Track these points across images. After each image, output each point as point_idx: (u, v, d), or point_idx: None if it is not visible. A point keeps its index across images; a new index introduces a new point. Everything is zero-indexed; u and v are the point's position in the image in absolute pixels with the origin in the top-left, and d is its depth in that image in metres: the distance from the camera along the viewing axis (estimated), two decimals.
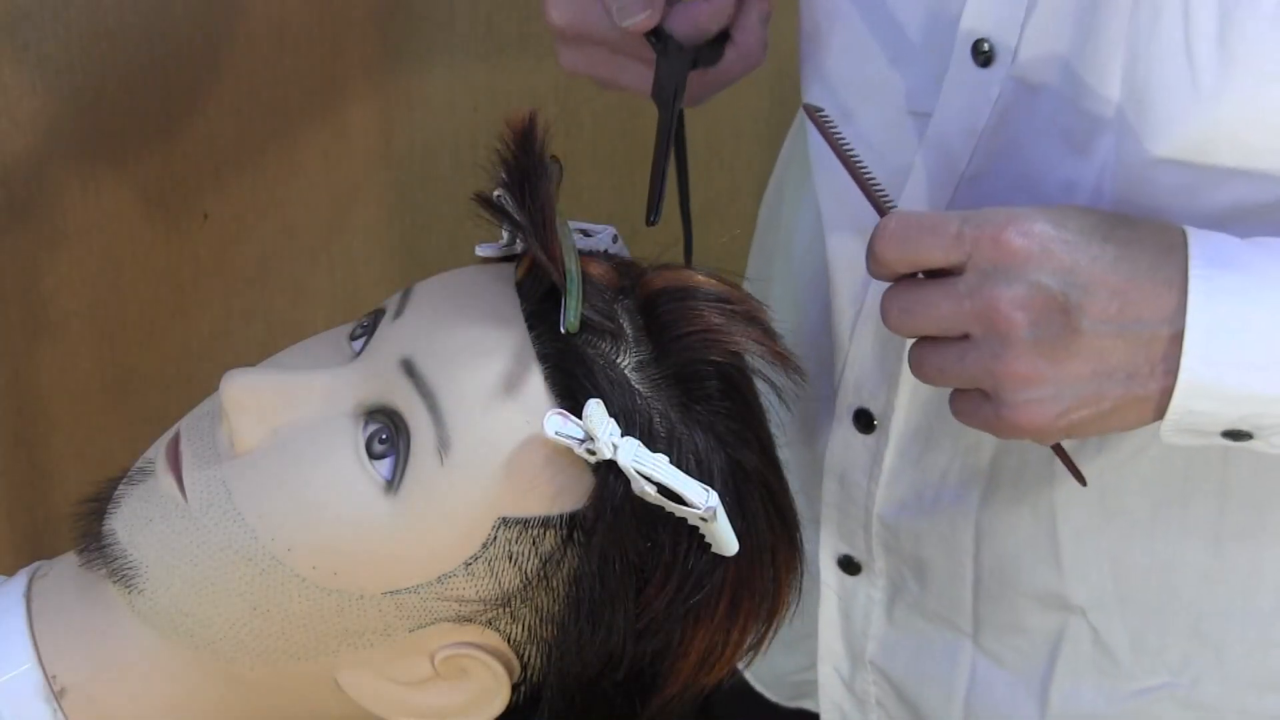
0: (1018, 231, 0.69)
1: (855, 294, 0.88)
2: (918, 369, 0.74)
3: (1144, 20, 0.73)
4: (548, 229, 0.70)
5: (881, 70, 0.84)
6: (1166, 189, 0.75)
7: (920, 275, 0.73)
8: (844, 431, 0.90)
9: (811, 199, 0.93)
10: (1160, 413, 0.70)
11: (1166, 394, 0.69)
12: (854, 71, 0.86)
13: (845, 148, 0.76)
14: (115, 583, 0.72)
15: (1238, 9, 0.70)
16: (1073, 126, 0.77)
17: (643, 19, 0.79)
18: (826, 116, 0.78)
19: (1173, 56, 0.72)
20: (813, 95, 0.88)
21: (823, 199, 0.90)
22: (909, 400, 0.87)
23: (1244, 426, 0.70)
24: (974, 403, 0.72)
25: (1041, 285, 0.68)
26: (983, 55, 0.79)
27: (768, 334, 0.75)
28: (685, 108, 0.82)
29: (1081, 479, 0.80)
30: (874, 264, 0.73)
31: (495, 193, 0.73)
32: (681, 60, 0.80)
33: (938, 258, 0.70)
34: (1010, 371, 0.69)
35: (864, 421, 0.89)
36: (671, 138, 0.78)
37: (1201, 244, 0.69)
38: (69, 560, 0.75)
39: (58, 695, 0.72)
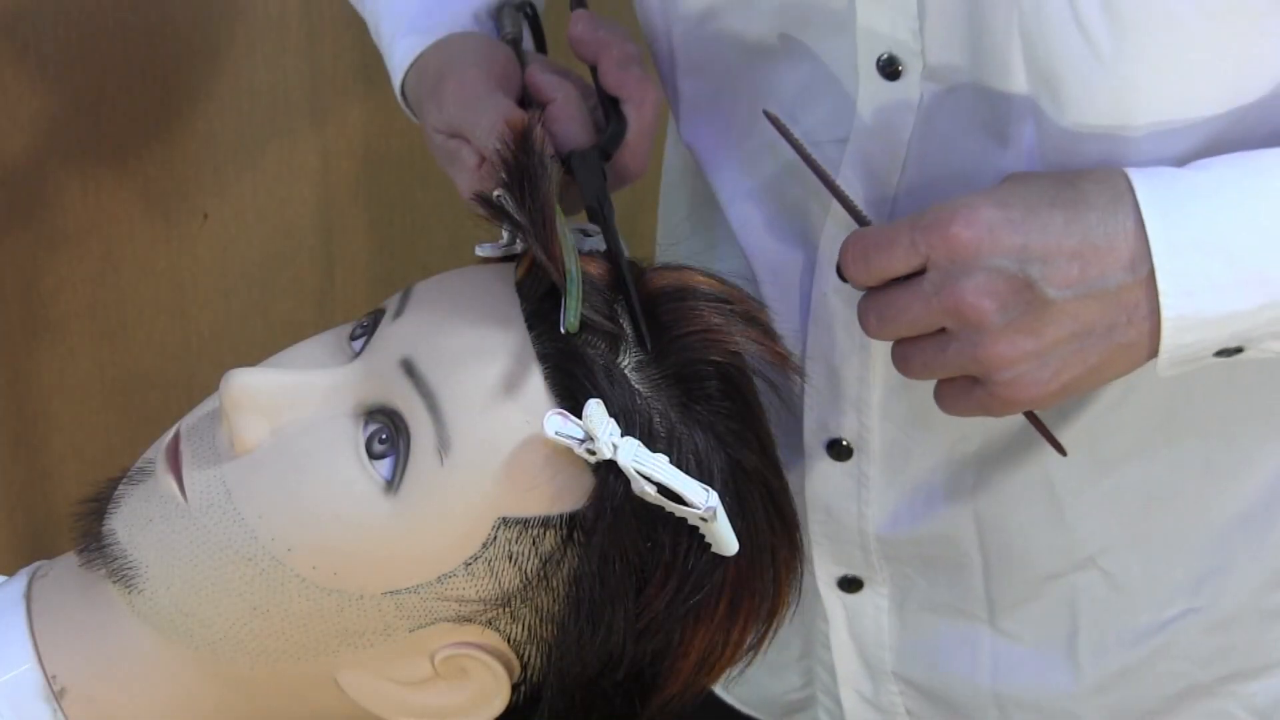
0: (963, 224, 0.70)
1: (796, 336, 0.87)
2: (905, 367, 0.75)
3: (1028, 4, 0.73)
4: (548, 229, 0.70)
5: (786, 109, 0.84)
6: (1094, 161, 0.76)
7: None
8: (820, 465, 0.90)
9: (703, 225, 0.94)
10: (1151, 353, 0.71)
11: (1152, 335, 0.70)
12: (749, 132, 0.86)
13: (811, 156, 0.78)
14: (115, 583, 0.71)
15: None
16: (991, 119, 0.77)
17: (575, 141, 0.80)
18: (784, 123, 0.77)
19: (1065, 32, 0.73)
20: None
21: (737, 227, 0.89)
22: (881, 420, 0.87)
23: (1233, 344, 0.72)
24: (963, 389, 0.74)
25: (999, 269, 0.70)
26: (886, 69, 0.78)
27: (767, 334, 0.75)
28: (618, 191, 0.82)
29: (1060, 448, 0.81)
30: (850, 284, 0.75)
31: (495, 193, 0.73)
32: (592, 161, 0.79)
33: (900, 268, 0.72)
34: (993, 354, 0.70)
35: (838, 450, 0.89)
36: (618, 243, 0.76)
37: (1146, 184, 0.71)
38: (69, 560, 0.75)
39: (58, 695, 0.72)
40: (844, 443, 0.88)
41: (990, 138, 0.78)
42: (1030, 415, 0.80)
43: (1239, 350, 0.73)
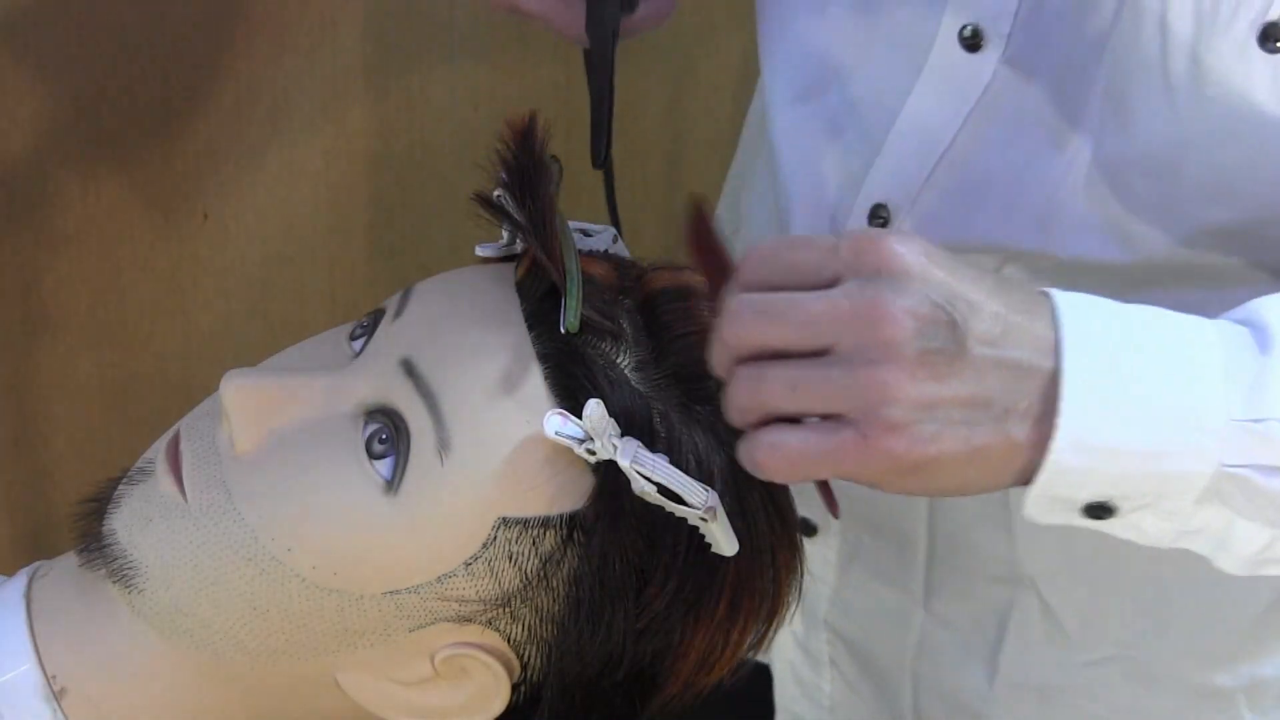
0: (901, 243, 0.63)
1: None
2: (751, 388, 0.64)
3: (1125, 28, 0.73)
4: (548, 229, 0.70)
5: (856, 51, 0.84)
6: (1137, 198, 0.76)
7: None
8: None
9: (768, 196, 0.94)
10: (1026, 470, 0.64)
11: (1036, 446, 0.63)
12: (827, 53, 0.86)
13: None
14: (115, 583, 0.72)
15: (1212, 28, 0.71)
16: (1054, 122, 0.78)
17: None
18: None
19: (1149, 68, 0.73)
20: (774, 73, 0.88)
21: (781, 193, 0.90)
22: None
23: (1113, 495, 0.64)
24: (822, 430, 0.63)
25: (929, 297, 0.62)
26: (968, 41, 0.79)
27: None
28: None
29: (835, 512, 0.73)
30: (738, 288, 0.66)
31: (495, 192, 0.73)
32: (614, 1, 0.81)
33: (811, 268, 0.64)
34: (891, 381, 0.61)
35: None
36: (612, 78, 0.78)
37: (1066, 295, 0.65)
38: (69, 560, 0.75)
39: (58, 695, 0.72)
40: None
41: (1047, 139, 0.78)
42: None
43: (1109, 513, 0.65)
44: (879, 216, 0.85)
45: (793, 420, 0.64)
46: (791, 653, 1.02)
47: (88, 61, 1.23)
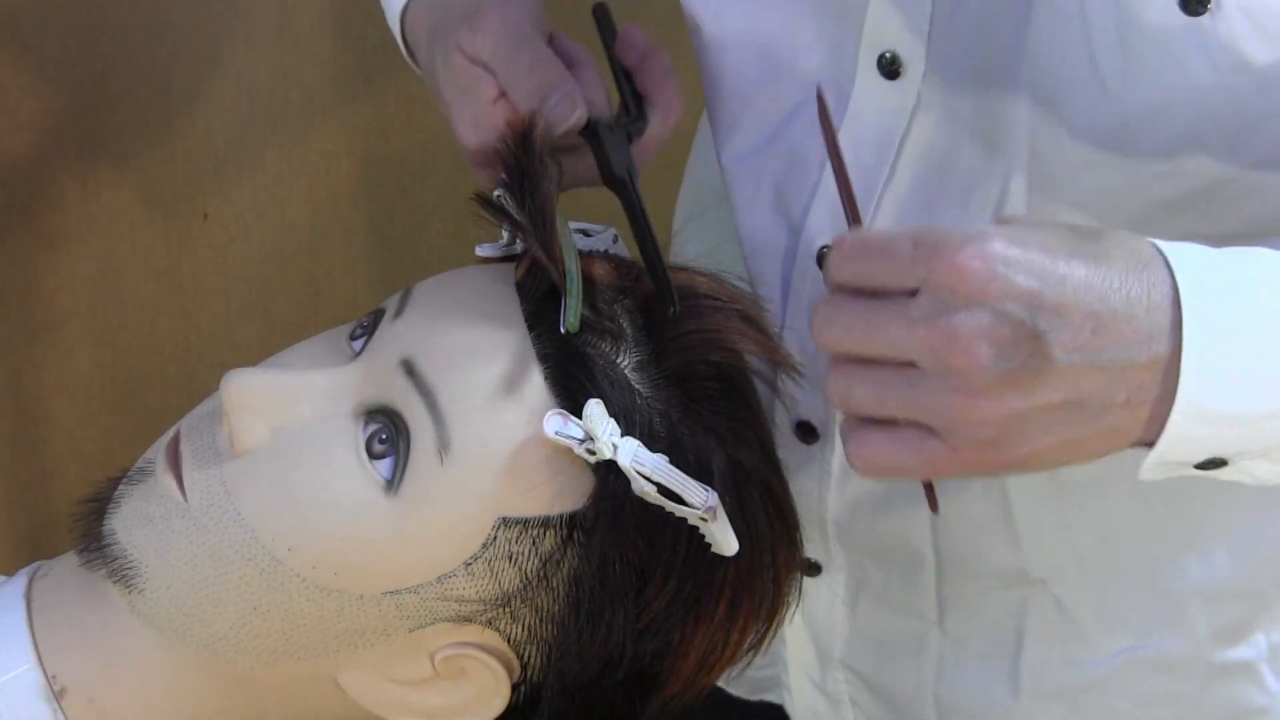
0: (975, 254, 0.61)
1: (776, 312, 0.86)
2: (843, 393, 0.64)
3: (1042, 25, 0.73)
4: (548, 229, 0.70)
5: (784, 90, 0.84)
6: (1085, 188, 0.76)
7: None
8: (787, 444, 0.89)
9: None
10: (1138, 440, 0.64)
11: (1148, 423, 0.63)
12: (754, 103, 0.86)
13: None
14: (115, 582, 0.71)
15: (1132, 2, 0.70)
16: (988, 132, 0.77)
17: (576, 118, 0.77)
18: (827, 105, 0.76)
19: (1075, 56, 0.72)
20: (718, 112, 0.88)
21: (737, 232, 0.89)
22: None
23: (1228, 452, 0.65)
24: (911, 440, 0.63)
25: (1007, 313, 0.60)
26: (888, 68, 0.78)
27: (767, 334, 0.75)
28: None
29: (933, 507, 0.73)
30: (827, 283, 0.67)
31: (495, 193, 0.73)
32: (620, 136, 0.79)
33: (890, 281, 0.63)
34: (972, 408, 0.61)
35: (805, 431, 0.88)
36: (646, 215, 0.75)
37: (1179, 256, 0.63)
38: (69, 560, 0.75)
39: (57, 695, 0.72)
40: (811, 426, 0.88)
41: (984, 150, 0.78)
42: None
43: (1222, 464, 0.65)
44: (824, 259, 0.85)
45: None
46: (811, 698, 1.01)
47: (88, 61, 1.23)
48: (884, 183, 0.81)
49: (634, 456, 0.67)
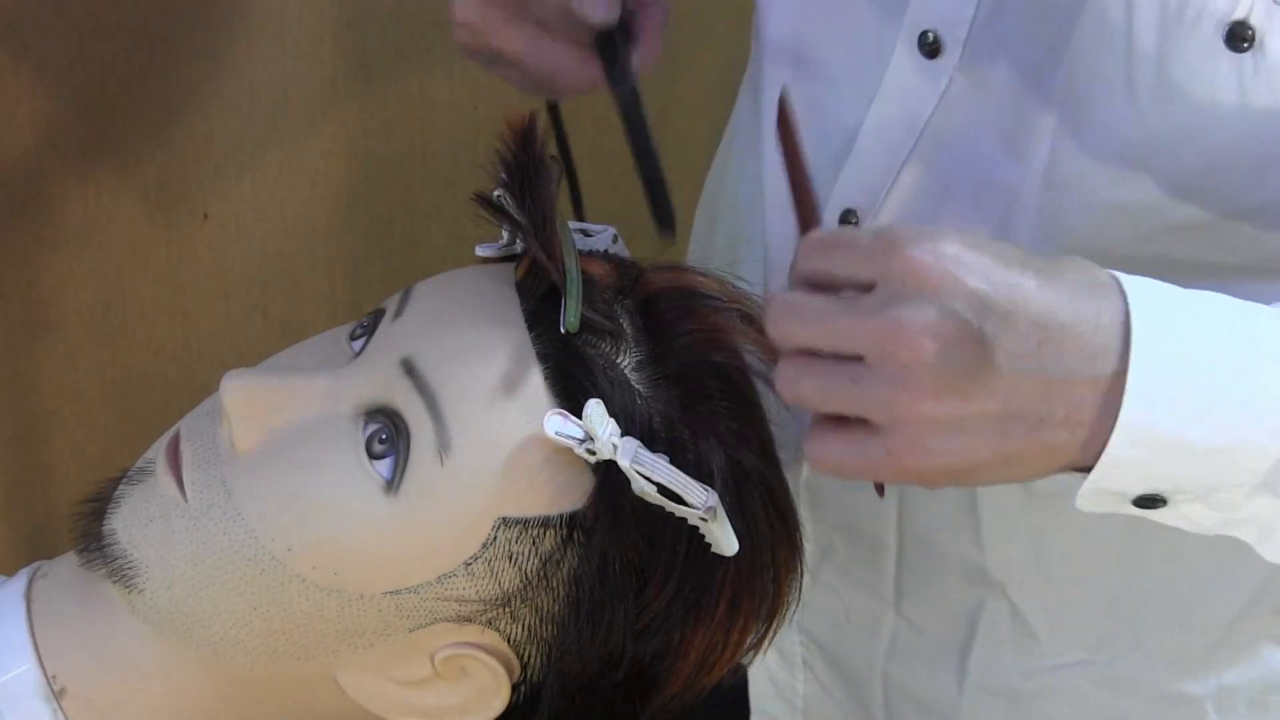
0: (929, 250, 0.62)
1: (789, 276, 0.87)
2: (790, 385, 0.65)
3: (1086, 33, 0.73)
4: (548, 229, 0.70)
5: (829, 51, 0.84)
6: (1100, 200, 0.76)
7: None
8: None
9: (754, 174, 0.93)
10: (1072, 465, 0.64)
11: (1085, 444, 0.62)
12: (804, 48, 0.86)
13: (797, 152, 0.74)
14: (115, 582, 0.72)
15: (1178, 30, 0.70)
16: (1012, 129, 0.77)
17: (608, 16, 0.78)
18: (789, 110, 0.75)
19: (1111, 72, 0.72)
20: (764, 64, 0.88)
21: (767, 178, 0.90)
22: None
23: (1166, 488, 0.64)
24: (854, 438, 0.64)
25: (954, 312, 0.61)
26: (928, 46, 0.79)
27: (766, 334, 0.75)
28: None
29: (880, 492, 0.75)
30: (790, 279, 0.67)
31: (495, 193, 0.73)
32: (626, 48, 0.79)
33: (849, 273, 0.64)
34: (912, 403, 0.61)
35: None
36: (649, 129, 0.76)
37: (1135, 283, 0.63)
38: (69, 560, 0.75)
39: (57, 695, 0.72)
40: None
41: (1004, 146, 0.78)
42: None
43: (1161, 504, 0.65)
44: (849, 221, 0.85)
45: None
46: (766, 653, 1.02)
47: (88, 61, 1.23)
48: (903, 161, 0.81)
49: (634, 456, 0.67)
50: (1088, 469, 0.63)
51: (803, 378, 0.64)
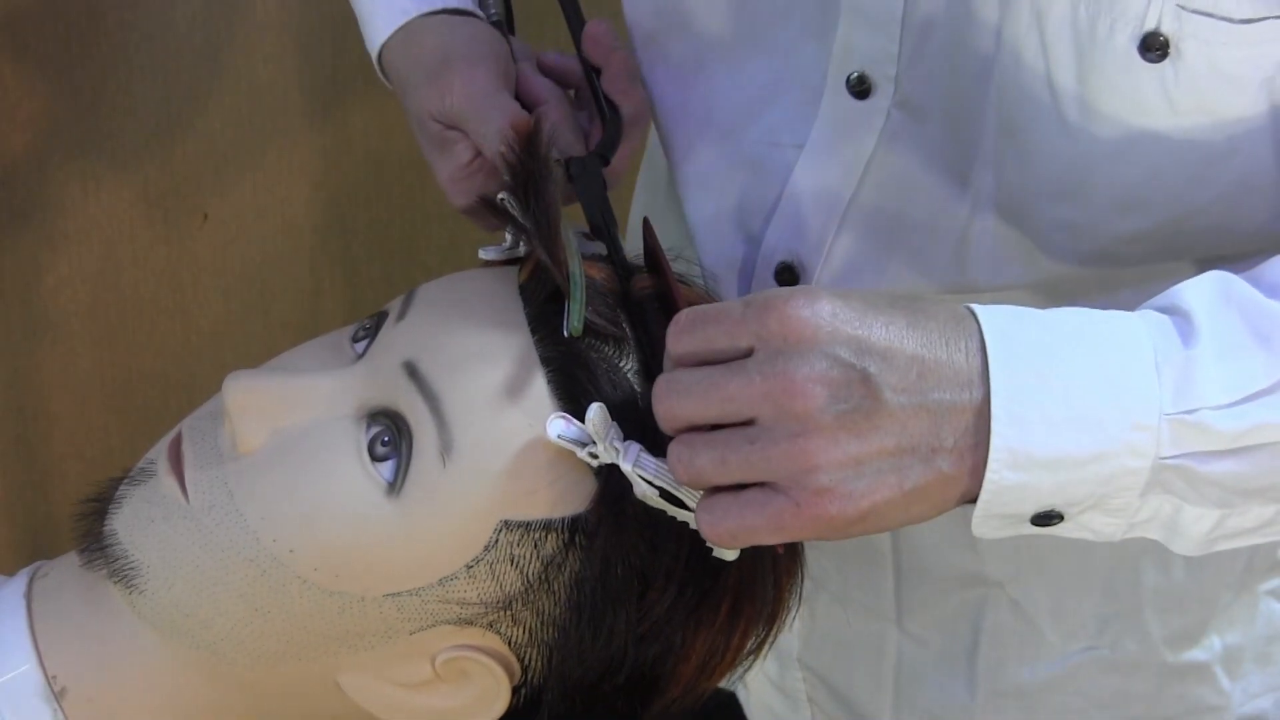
0: (803, 306, 0.63)
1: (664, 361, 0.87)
2: (686, 463, 0.64)
3: (1006, 59, 0.73)
4: (552, 232, 0.70)
5: (746, 105, 0.84)
6: (1049, 222, 0.76)
7: None
8: None
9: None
10: (968, 493, 0.64)
11: (973, 472, 0.63)
12: (720, 109, 0.86)
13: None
14: (116, 583, 0.72)
15: (1092, 48, 0.71)
16: (955, 160, 0.78)
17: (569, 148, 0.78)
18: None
19: (1036, 90, 0.73)
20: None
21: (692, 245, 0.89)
22: None
23: (1057, 503, 0.64)
24: (756, 501, 0.63)
25: (838, 358, 0.62)
26: (856, 88, 0.79)
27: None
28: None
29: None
30: (665, 361, 0.67)
31: (499, 195, 0.73)
32: (595, 175, 0.78)
33: (725, 344, 0.64)
34: (812, 452, 0.62)
35: None
36: (622, 257, 0.75)
37: (988, 310, 0.65)
38: (70, 560, 0.75)
39: (58, 695, 0.72)
40: None
41: (951, 178, 0.78)
42: None
43: (1057, 519, 0.65)
44: (783, 277, 0.85)
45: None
46: (768, 695, 1.02)
47: (88, 61, 1.23)
48: (849, 200, 0.81)
49: (636, 460, 0.67)
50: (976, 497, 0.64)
51: (698, 453, 0.64)
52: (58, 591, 0.75)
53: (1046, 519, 0.65)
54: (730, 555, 0.69)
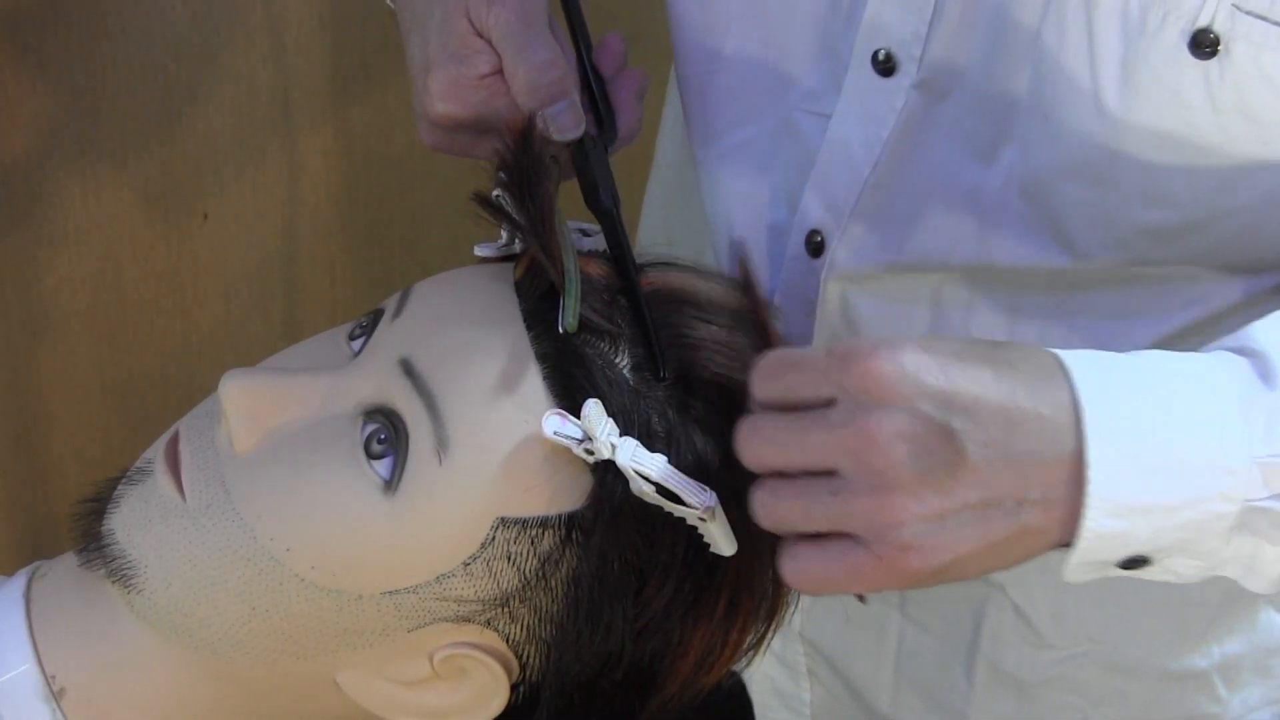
0: (886, 358, 0.62)
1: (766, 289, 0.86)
2: (769, 509, 0.64)
3: (1050, 38, 0.73)
4: (547, 228, 0.70)
5: (776, 73, 0.84)
6: (1072, 204, 0.76)
7: None
8: None
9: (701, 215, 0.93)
10: (1058, 541, 0.64)
11: (1064, 522, 0.63)
12: (744, 78, 0.86)
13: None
14: (114, 582, 0.72)
15: (1141, 37, 0.71)
16: (978, 134, 0.78)
17: (577, 134, 0.77)
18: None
19: (1076, 79, 0.73)
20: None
21: (718, 213, 0.89)
22: None
23: (1148, 549, 0.64)
24: (837, 552, 0.63)
25: (919, 413, 0.62)
26: (882, 65, 0.79)
27: (768, 336, 0.75)
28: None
29: (862, 600, 0.73)
30: (750, 403, 0.67)
31: (494, 192, 0.73)
32: (602, 158, 0.78)
33: (807, 391, 0.64)
34: (895, 508, 0.61)
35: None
36: (629, 248, 0.75)
37: (1077, 359, 0.65)
38: (68, 560, 0.75)
39: (57, 695, 0.72)
40: None
41: (972, 154, 0.78)
42: None
43: (1145, 563, 0.65)
44: (813, 241, 0.85)
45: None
46: (769, 666, 1.02)
47: (88, 61, 1.24)
48: (867, 177, 0.81)
49: (632, 456, 0.67)
50: (1069, 545, 0.64)
51: (781, 501, 0.64)
52: (56, 591, 0.75)
53: (1135, 563, 0.65)
54: (727, 551, 0.69)
